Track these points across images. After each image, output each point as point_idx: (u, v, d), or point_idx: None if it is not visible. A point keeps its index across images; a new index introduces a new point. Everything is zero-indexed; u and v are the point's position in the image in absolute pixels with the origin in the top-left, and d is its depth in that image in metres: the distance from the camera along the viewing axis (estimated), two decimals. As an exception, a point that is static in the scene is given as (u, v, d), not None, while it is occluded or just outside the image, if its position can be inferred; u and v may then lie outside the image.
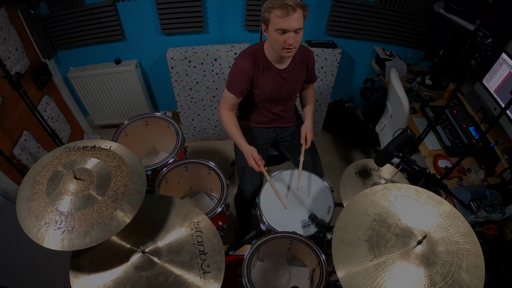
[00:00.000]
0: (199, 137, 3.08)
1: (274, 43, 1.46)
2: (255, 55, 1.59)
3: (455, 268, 0.93)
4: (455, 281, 0.90)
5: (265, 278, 1.49)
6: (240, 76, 1.57)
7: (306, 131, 1.71)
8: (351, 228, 1.05)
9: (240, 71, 1.57)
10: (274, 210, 1.59)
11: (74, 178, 1.01)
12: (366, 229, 1.03)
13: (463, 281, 0.90)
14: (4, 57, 2.03)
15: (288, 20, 1.37)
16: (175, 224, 1.14)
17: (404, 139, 1.35)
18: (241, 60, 1.59)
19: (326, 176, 1.97)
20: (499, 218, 1.69)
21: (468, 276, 0.91)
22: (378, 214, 1.07)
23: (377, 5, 2.48)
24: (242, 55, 1.61)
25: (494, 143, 1.91)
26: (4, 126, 2.03)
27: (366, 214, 1.07)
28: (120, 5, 2.39)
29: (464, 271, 0.92)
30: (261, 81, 1.63)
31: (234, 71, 1.60)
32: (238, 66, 1.58)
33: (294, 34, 1.40)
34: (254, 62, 1.59)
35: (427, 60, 2.53)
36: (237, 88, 1.60)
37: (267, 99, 1.72)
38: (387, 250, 0.97)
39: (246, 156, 1.60)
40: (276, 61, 1.60)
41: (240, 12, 2.49)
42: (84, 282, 0.98)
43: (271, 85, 1.65)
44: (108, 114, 3.00)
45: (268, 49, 1.58)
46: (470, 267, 0.93)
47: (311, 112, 1.82)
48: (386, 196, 1.11)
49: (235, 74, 1.59)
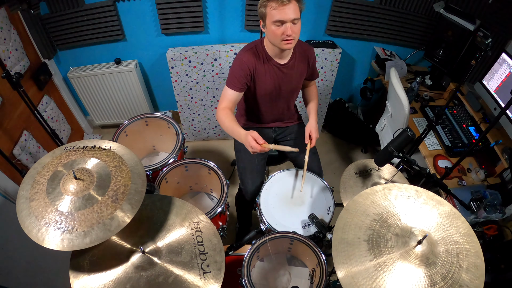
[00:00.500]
0: (199, 137, 3.08)
1: (273, 36, 1.47)
2: (256, 49, 1.60)
3: (455, 268, 0.93)
4: (455, 281, 0.90)
5: (265, 278, 1.49)
6: (241, 69, 1.56)
7: (310, 130, 1.68)
8: (351, 228, 1.05)
9: (241, 63, 1.56)
10: (274, 210, 1.59)
11: (74, 178, 1.01)
12: (366, 229, 1.04)
13: (463, 281, 0.90)
14: (4, 57, 2.03)
15: (284, 10, 1.38)
16: (175, 224, 1.14)
17: (404, 139, 1.35)
18: (241, 54, 1.59)
19: (326, 176, 1.97)
20: (499, 218, 1.69)
21: (468, 276, 0.91)
22: (378, 214, 1.07)
23: (377, 5, 2.48)
24: (242, 50, 1.61)
25: (494, 143, 1.91)
26: (4, 126, 2.03)
27: (366, 214, 1.07)
28: (120, 5, 2.39)
29: (464, 271, 0.92)
30: (262, 75, 1.62)
31: (234, 65, 1.59)
32: (239, 59, 1.58)
33: (291, 25, 1.42)
34: (255, 56, 1.59)
35: (427, 60, 2.53)
36: (237, 83, 1.57)
37: (267, 95, 1.70)
38: (387, 250, 0.97)
39: (245, 141, 1.41)
40: (276, 56, 1.60)
41: (240, 12, 2.49)
42: (84, 282, 0.98)
43: (272, 80, 1.64)
44: (108, 114, 3.00)
45: (268, 44, 1.58)
46: (470, 267, 0.93)
47: (314, 110, 1.80)
48: (386, 196, 1.11)
49: (236, 67, 1.58)
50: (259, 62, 1.59)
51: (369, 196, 1.12)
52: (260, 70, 1.61)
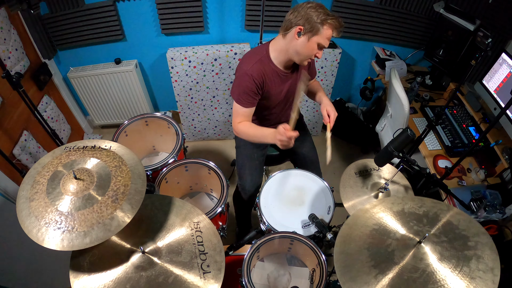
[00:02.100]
0: (199, 137, 3.08)
1: (307, 51, 1.44)
2: (262, 63, 1.53)
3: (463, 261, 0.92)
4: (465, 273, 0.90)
5: (265, 278, 1.49)
6: (251, 85, 1.50)
7: (326, 109, 1.61)
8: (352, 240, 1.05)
9: (250, 79, 1.49)
10: (274, 210, 1.59)
11: (74, 178, 1.00)
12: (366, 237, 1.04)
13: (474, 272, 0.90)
14: (4, 57, 2.03)
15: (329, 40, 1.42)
16: (175, 224, 1.14)
17: (404, 139, 1.35)
18: (249, 69, 1.50)
19: (326, 176, 1.97)
20: (499, 218, 1.69)
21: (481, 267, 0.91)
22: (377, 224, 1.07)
23: (377, 5, 2.48)
24: (248, 64, 1.52)
25: (494, 143, 1.91)
26: (4, 126, 2.03)
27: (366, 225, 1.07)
28: (120, 5, 2.39)
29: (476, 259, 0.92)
30: (271, 87, 1.58)
31: (243, 81, 1.50)
32: (248, 75, 1.49)
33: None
34: (263, 69, 1.52)
35: (427, 60, 2.53)
36: (250, 99, 1.53)
37: (277, 105, 1.68)
38: (387, 254, 0.97)
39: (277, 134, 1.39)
40: (281, 63, 1.56)
41: (240, 12, 2.49)
42: (84, 282, 0.98)
43: (280, 89, 1.61)
44: (108, 114, 3.00)
45: (275, 52, 1.53)
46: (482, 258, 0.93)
47: (324, 95, 1.73)
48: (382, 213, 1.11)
49: (245, 83, 1.50)
50: (267, 74, 1.54)
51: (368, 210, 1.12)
52: (269, 82, 1.56)
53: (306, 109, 2.93)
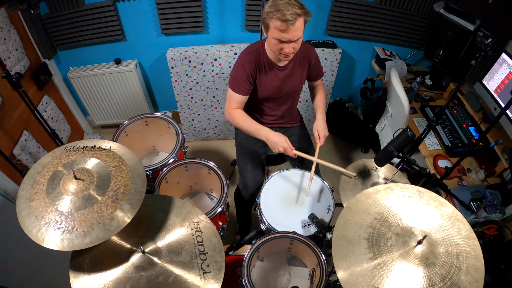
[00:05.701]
0: (199, 137, 3.08)
1: (272, 47, 1.47)
2: (256, 53, 1.59)
3: (454, 269, 0.92)
4: (454, 282, 0.90)
5: (265, 278, 1.49)
6: (243, 73, 1.56)
7: (317, 129, 1.66)
8: (352, 226, 1.05)
9: (242, 67, 1.56)
10: (274, 210, 1.59)
11: (74, 178, 1.00)
12: (366, 227, 1.04)
13: (462, 283, 0.90)
14: (4, 57, 2.03)
15: (287, 33, 1.36)
16: (175, 224, 1.14)
17: (404, 139, 1.35)
18: (242, 58, 1.58)
19: (326, 176, 1.97)
20: (499, 218, 1.69)
21: (467, 278, 0.91)
22: (379, 213, 1.07)
23: (377, 5, 2.48)
24: (244, 53, 1.60)
25: (494, 143, 1.91)
26: (4, 126, 2.03)
27: (368, 213, 1.07)
28: (120, 5, 2.39)
29: (464, 273, 0.92)
30: (263, 78, 1.62)
31: (236, 69, 1.59)
32: (240, 63, 1.57)
33: (292, 43, 1.41)
34: (256, 59, 1.58)
35: (427, 60, 2.53)
36: (241, 86, 1.58)
37: (269, 98, 1.71)
38: (386, 249, 0.97)
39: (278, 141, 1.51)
40: (276, 59, 1.60)
41: (240, 12, 2.49)
42: (84, 282, 0.98)
43: (273, 82, 1.64)
44: (108, 114, 3.00)
45: (268, 48, 1.58)
46: (469, 269, 0.92)
47: (321, 109, 1.76)
48: (388, 196, 1.11)
49: (238, 71, 1.57)
50: (260, 65, 1.59)
51: (371, 195, 1.12)
52: (261, 73, 1.61)
53: (307, 109, 2.94)
